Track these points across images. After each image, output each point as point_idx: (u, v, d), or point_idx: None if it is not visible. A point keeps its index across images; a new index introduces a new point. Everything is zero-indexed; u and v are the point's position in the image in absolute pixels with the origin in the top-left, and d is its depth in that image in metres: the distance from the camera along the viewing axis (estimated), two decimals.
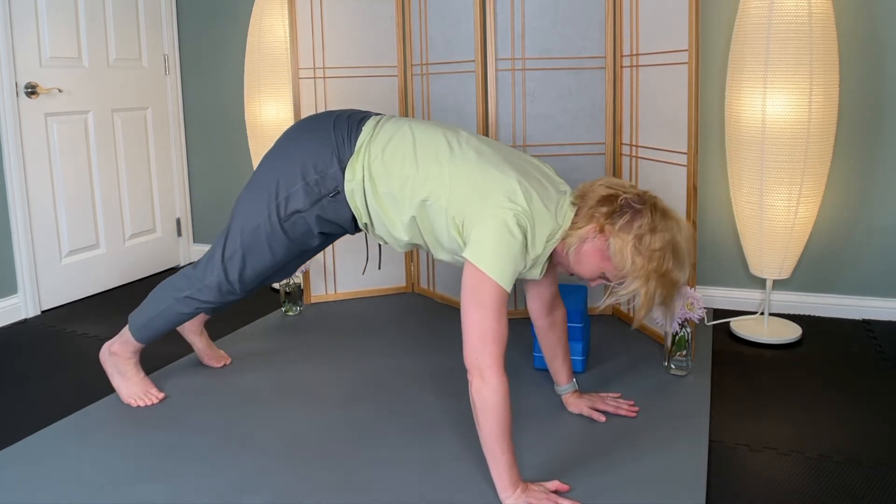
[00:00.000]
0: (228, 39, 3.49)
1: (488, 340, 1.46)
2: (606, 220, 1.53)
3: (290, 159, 1.75)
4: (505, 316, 1.49)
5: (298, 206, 1.75)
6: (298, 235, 1.81)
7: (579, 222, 1.56)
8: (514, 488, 1.50)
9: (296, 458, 1.74)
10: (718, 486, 1.61)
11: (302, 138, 1.77)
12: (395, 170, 1.65)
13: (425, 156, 1.64)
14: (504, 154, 1.66)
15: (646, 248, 1.49)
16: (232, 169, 3.61)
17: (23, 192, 2.85)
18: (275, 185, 1.76)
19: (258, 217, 1.79)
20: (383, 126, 1.74)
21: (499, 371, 1.47)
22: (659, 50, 2.35)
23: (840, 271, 2.71)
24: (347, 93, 2.86)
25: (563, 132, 2.63)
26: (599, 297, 2.74)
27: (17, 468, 1.71)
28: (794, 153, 2.32)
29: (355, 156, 1.70)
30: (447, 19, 2.70)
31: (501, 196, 1.52)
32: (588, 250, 1.56)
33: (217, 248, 1.87)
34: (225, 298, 1.91)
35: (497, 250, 1.48)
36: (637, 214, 1.51)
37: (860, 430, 1.85)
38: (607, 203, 1.54)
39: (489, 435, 1.48)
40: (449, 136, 1.69)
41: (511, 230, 1.49)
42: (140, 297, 3.16)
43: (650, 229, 1.50)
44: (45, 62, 2.94)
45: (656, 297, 1.51)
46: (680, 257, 1.52)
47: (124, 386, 2.05)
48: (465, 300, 1.49)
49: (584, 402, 1.93)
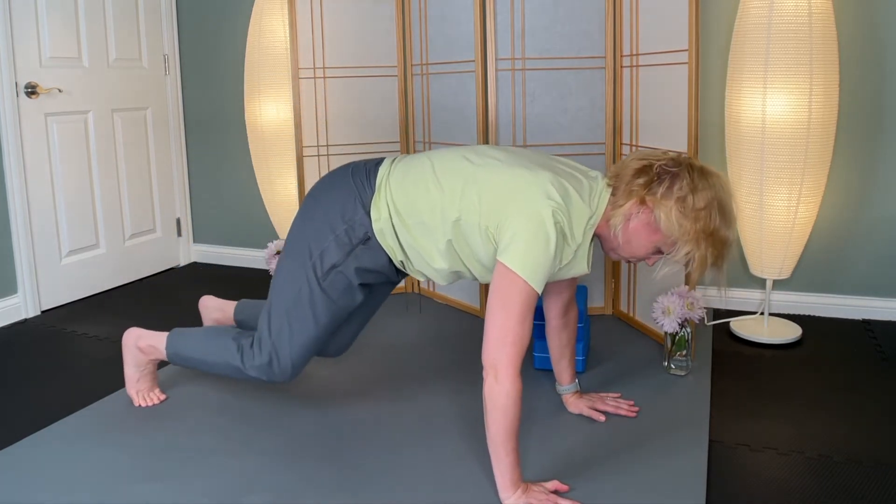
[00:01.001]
0: (228, 39, 3.49)
1: (508, 342, 1.45)
2: (646, 191, 1.49)
3: (316, 218, 1.72)
4: (530, 320, 1.47)
5: (334, 260, 1.70)
6: (340, 294, 1.73)
7: (619, 200, 1.53)
8: (514, 489, 1.50)
9: (296, 458, 1.74)
10: (718, 486, 1.61)
11: (322, 195, 1.74)
12: (421, 197, 1.62)
13: (447, 176, 1.61)
14: (529, 155, 1.64)
15: (690, 209, 1.46)
16: (232, 169, 3.61)
17: (23, 192, 2.85)
18: (306, 247, 1.72)
19: (297, 283, 1.72)
20: (400, 161, 1.73)
21: (513, 373, 1.45)
22: (659, 50, 2.35)
23: (840, 271, 2.71)
24: (347, 93, 2.86)
25: (563, 132, 2.63)
26: (600, 298, 2.74)
27: (17, 468, 1.71)
28: (794, 153, 2.32)
29: (377, 194, 1.67)
30: (447, 19, 2.70)
31: (536, 192, 1.49)
32: (635, 227, 1.53)
33: (263, 326, 1.77)
34: (272, 379, 1.78)
35: (530, 250, 1.45)
36: (675, 178, 1.48)
37: (860, 430, 1.85)
38: (643, 174, 1.50)
39: (496, 435, 1.48)
40: (466, 152, 1.66)
41: (546, 229, 1.46)
42: (140, 297, 3.16)
43: (691, 189, 1.46)
44: (45, 62, 2.94)
45: (708, 257, 1.48)
46: (726, 214, 1.49)
47: (134, 378, 2.03)
48: (491, 299, 1.48)
49: (584, 403, 1.93)
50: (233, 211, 3.64)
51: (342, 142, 2.89)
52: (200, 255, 3.76)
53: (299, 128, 2.80)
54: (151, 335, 1.97)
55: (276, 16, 3.02)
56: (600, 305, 2.75)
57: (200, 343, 1.87)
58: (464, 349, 2.41)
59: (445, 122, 2.79)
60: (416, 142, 2.94)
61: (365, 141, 2.92)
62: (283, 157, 3.10)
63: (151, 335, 1.97)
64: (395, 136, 2.95)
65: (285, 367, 1.75)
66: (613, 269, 2.71)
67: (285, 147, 3.09)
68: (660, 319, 2.13)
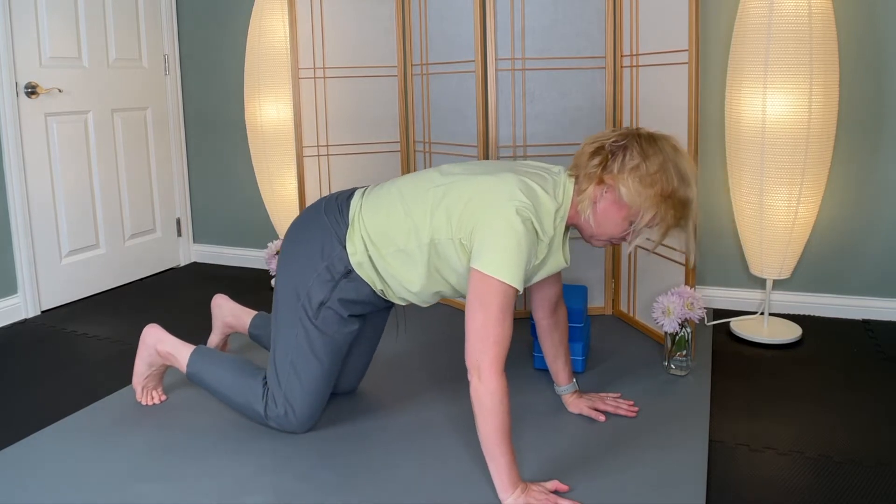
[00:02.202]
0: (228, 39, 3.49)
1: (489, 342, 1.46)
2: (603, 170, 1.53)
3: (297, 260, 1.76)
4: (510, 319, 1.49)
5: (320, 297, 1.73)
6: (336, 329, 1.75)
7: (582, 186, 1.57)
8: (513, 489, 1.49)
9: (296, 458, 1.74)
10: (718, 486, 1.61)
11: (299, 236, 1.78)
12: (393, 226, 1.66)
13: (416, 202, 1.65)
14: (491, 163, 1.69)
15: (645, 174, 1.50)
16: (232, 169, 3.61)
17: (23, 192, 2.85)
18: (293, 290, 1.75)
19: (293, 328, 1.75)
20: (370, 193, 1.76)
21: (497, 373, 1.47)
22: (659, 50, 2.35)
23: (840, 271, 2.71)
24: (347, 93, 2.86)
25: (563, 132, 2.63)
26: (600, 298, 2.74)
27: (17, 468, 1.71)
28: (794, 153, 2.32)
29: (351, 228, 1.71)
30: (447, 19, 2.70)
31: (500, 194, 1.52)
32: (604, 207, 1.56)
33: (272, 379, 1.79)
34: (291, 429, 1.82)
35: (500, 250, 1.48)
36: (625, 150, 1.53)
37: (860, 430, 1.85)
38: (597, 155, 1.55)
39: (487, 436, 1.48)
40: (431, 174, 1.70)
41: (515, 226, 1.48)
42: (140, 297, 3.17)
43: (642, 157, 1.51)
44: (45, 62, 2.94)
45: (669, 217, 1.52)
46: (682, 173, 1.52)
47: (143, 374, 2.03)
48: (470, 302, 1.50)
49: (584, 402, 1.93)
50: (233, 211, 3.64)
51: (342, 142, 2.89)
52: (200, 255, 3.76)
53: (299, 128, 2.80)
54: (173, 343, 1.96)
55: (276, 16, 3.02)
56: (600, 305, 2.75)
57: (227, 378, 1.86)
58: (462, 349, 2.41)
59: (445, 122, 2.79)
60: (416, 141, 2.94)
61: (365, 141, 2.92)
62: (283, 156, 3.10)
63: (173, 343, 1.96)
64: (395, 136, 2.95)
65: (301, 416, 1.79)
66: (613, 270, 2.72)
67: (285, 147, 3.09)
68: (660, 319, 2.13)
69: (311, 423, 1.83)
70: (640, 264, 2.56)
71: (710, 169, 2.79)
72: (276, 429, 1.84)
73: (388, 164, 2.96)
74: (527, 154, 2.64)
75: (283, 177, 3.13)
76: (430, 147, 2.88)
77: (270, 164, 3.13)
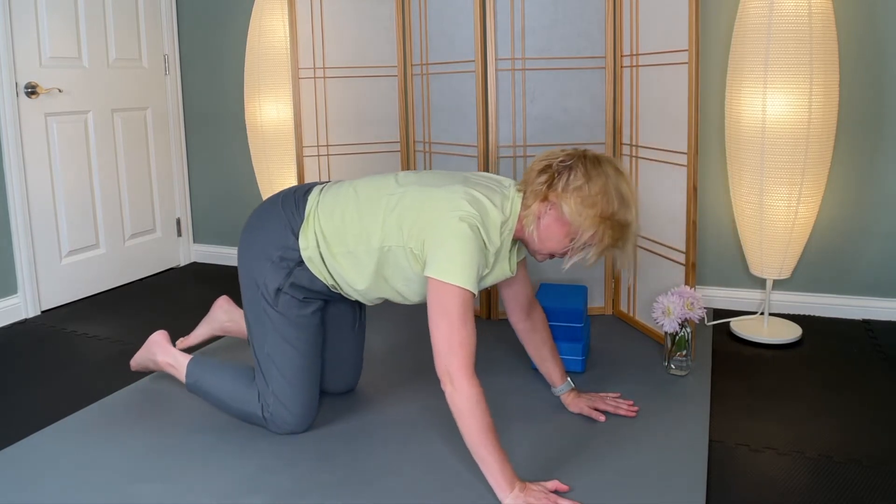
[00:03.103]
0: (228, 39, 3.49)
1: (455, 347, 1.50)
2: (549, 188, 1.59)
3: (252, 249, 1.81)
4: (471, 321, 1.52)
5: (276, 283, 1.77)
6: (296, 313, 1.79)
7: (528, 202, 1.62)
8: (510, 488, 1.49)
9: (296, 458, 1.74)
10: (718, 486, 1.61)
11: (255, 227, 1.83)
12: (347, 227, 1.71)
13: (370, 206, 1.70)
14: (445, 175, 1.73)
15: (587, 196, 1.56)
16: (232, 169, 3.61)
17: (23, 192, 2.85)
18: (252, 280, 1.80)
19: (259, 318, 1.80)
20: (328, 191, 1.80)
21: (468, 376, 1.49)
22: (659, 50, 2.35)
23: (840, 271, 2.71)
24: (347, 93, 2.86)
25: (563, 132, 2.63)
26: (600, 298, 2.74)
27: (17, 468, 1.71)
28: (794, 153, 2.32)
29: (305, 223, 1.76)
30: (447, 19, 2.70)
31: (450, 207, 1.57)
32: (547, 223, 1.61)
33: (259, 379, 1.82)
34: (293, 428, 1.83)
35: (452, 256, 1.52)
36: (570, 170, 1.59)
37: (860, 430, 1.85)
38: (544, 173, 1.61)
39: (471, 439, 1.50)
40: (387, 181, 1.74)
41: (464, 233, 1.53)
42: (140, 297, 3.17)
43: (586, 179, 1.57)
44: (45, 62, 2.94)
45: (606, 238, 1.57)
46: (623, 197, 1.58)
47: (141, 366, 2.12)
48: (430, 312, 1.54)
49: (583, 402, 1.93)
50: (233, 211, 3.64)
51: (342, 142, 2.89)
52: (200, 255, 3.76)
53: (299, 128, 2.80)
54: (174, 356, 1.99)
55: (276, 16, 3.02)
56: (600, 305, 2.75)
57: (226, 386, 1.87)
58: None
59: (445, 122, 2.79)
60: (416, 141, 2.94)
61: (365, 141, 2.92)
62: (283, 156, 3.10)
63: (174, 356, 1.99)
64: (395, 136, 2.95)
65: (294, 411, 1.81)
66: (613, 270, 2.71)
67: (285, 147, 3.09)
68: (660, 319, 2.13)
69: (308, 418, 1.84)
70: (641, 264, 2.56)
71: (710, 169, 2.79)
72: (279, 432, 1.84)
73: (388, 164, 2.96)
74: (527, 154, 2.64)
75: (284, 177, 3.13)
76: (430, 147, 2.88)
77: (270, 163, 3.13)
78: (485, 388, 2.10)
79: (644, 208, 2.51)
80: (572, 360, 2.19)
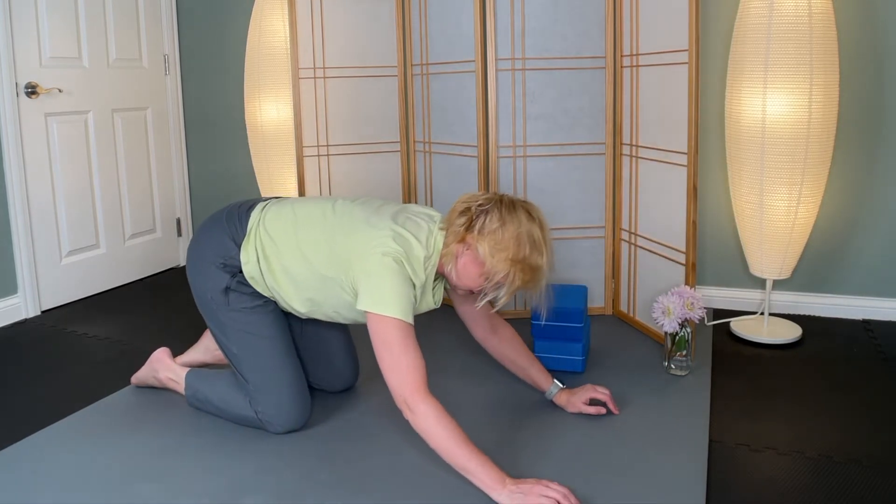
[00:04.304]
0: (228, 39, 3.49)
1: (404, 374, 1.55)
2: (467, 231, 1.66)
3: (198, 263, 1.86)
4: (413, 346, 1.58)
5: (223, 284, 1.82)
6: (249, 304, 1.83)
7: (448, 240, 1.69)
8: (501, 485, 1.50)
9: (296, 458, 1.74)
10: (718, 486, 1.61)
11: (199, 241, 1.89)
12: (285, 249, 1.77)
13: (307, 232, 1.76)
14: (378, 208, 1.77)
15: (500, 240, 1.62)
16: (232, 169, 3.61)
17: (23, 192, 2.85)
18: (203, 292, 1.85)
19: (221, 327, 1.85)
20: (270, 209, 1.85)
21: (423, 398, 1.54)
22: (659, 50, 2.35)
23: (840, 271, 2.71)
24: (347, 93, 2.86)
25: (563, 132, 2.63)
26: (600, 298, 2.74)
27: (17, 468, 1.71)
28: (794, 153, 2.32)
29: (247, 238, 1.82)
30: (447, 19, 2.70)
31: (377, 245, 1.63)
32: (464, 262, 1.67)
33: (243, 384, 1.85)
34: (291, 424, 1.85)
35: (382, 290, 1.59)
36: (487, 214, 1.65)
37: (860, 430, 1.85)
38: (464, 215, 1.67)
39: (447, 455, 1.53)
40: (325, 207, 1.80)
41: (390, 267, 1.61)
42: (140, 297, 3.17)
43: (500, 224, 1.63)
44: (45, 62, 2.94)
45: (517, 280, 1.63)
46: (534, 242, 1.64)
47: (144, 381, 2.14)
48: (373, 345, 1.60)
49: (579, 400, 1.92)
50: None
51: (342, 142, 2.89)
52: None
53: (299, 128, 2.80)
54: (175, 370, 2.04)
55: (276, 16, 3.02)
56: (600, 305, 2.75)
57: (224, 394, 1.91)
58: (461, 347, 2.41)
59: (445, 122, 2.79)
60: (416, 141, 2.94)
61: (365, 141, 2.92)
62: (284, 156, 3.10)
63: (175, 370, 2.04)
64: (396, 136, 2.95)
65: (284, 405, 1.83)
66: (613, 270, 2.72)
67: (285, 147, 3.09)
68: (660, 319, 2.13)
69: (301, 412, 1.85)
70: (640, 264, 2.56)
71: (710, 169, 2.79)
72: (279, 430, 1.85)
73: (388, 164, 2.96)
74: (527, 154, 2.64)
75: (284, 177, 3.13)
76: (430, 147, 2.88)
77: (270, 163, 3.13)
78: (482, 389, 2.10)
79: (644, 208, 2.52)
80: (572, 360, 2.19)
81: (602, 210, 2.69)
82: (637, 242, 2.57)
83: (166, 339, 2.58)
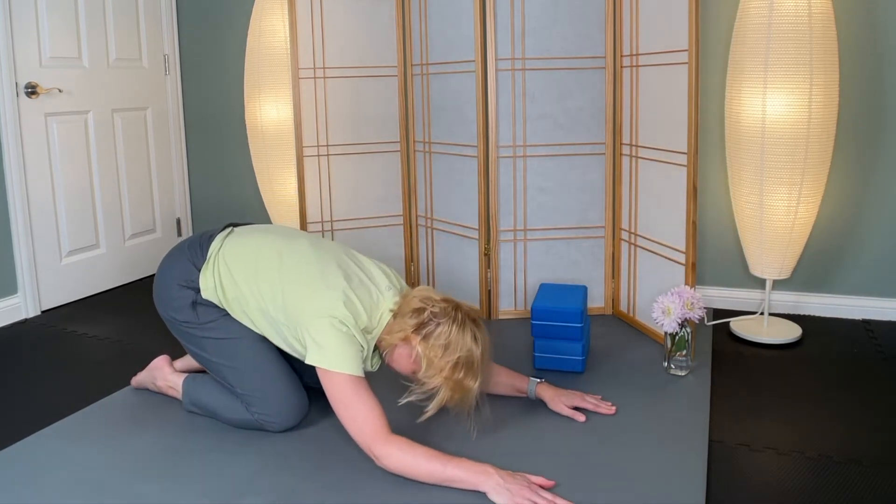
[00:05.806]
0: (228, 39, 3.49)
1: (361, 425, 1.61)
2: (413, 331, 1.69)
3: (163, 285, 1.91)
4: (364, 396, 1.63)
5: (189, 298, 1.86)
6: (218, 314, 1.87)
7: (393, 329, 1.72)
8: (485, 475, 1.53)
9: (296, 458, 1.74)
10: (718, 486, 1.61)
11: (164, 265, 1.94)
12: (241, 284, 1.81)
13: (264, 272, 1.79)
14: (334, 257, 1.81)
15: (440, 357, 1.65)
16: (232, 169, 3.61)
17: (23, 192, 2.85)
18: (171, 316, 1.89)
19: (196, 342, 1.88)
20: (231, 239, 1.90)
21: (385, 440, 1.60)
22: (659, 50, 2.35)
23: (840, 271, 2.71)
24: (347, 93, 2.86)
25: (563, 132, 2.63)
26: (600, 298, 2.74)
27: (17, 468, 1.71)
28: (794, 153, 2.32)
29: (206, 265, 1.87)
30: (447, 19, 2.70)
31: (325, 307, 1.68)
32: (400, 353, 1.72)
33: (233, 390, 1.87)
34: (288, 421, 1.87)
35: (330, 348, 1.64)
36: (438, 327, 1.67)
37: (860, 430, 1.85)
38: (416, 315, 1.70)
39: (425, 476, 1.57)
40: (280, 248, 1.83)
41: (338, 329, 1.66)
42: (140, 297, 3.16)
43: (446, 343, 1.66)
44: (45, 62, 2.94)
45: (445, 396, 1.66)
46: (472, 368, 1.67)
47: (143, 385, 2.14)
48: (329, 398, 1.66)
49: (562, 402, 1.92)
50: (233, 211, 3.64)
51: (342, 142, 2.89)
52: None
53: (299, 128, 2.80)
54: (173, 379, 2.05)
55: (276, 16, 3.02)
56: (600, 305, 2.75)
57: (220, 397, 1.92)
58: None
59: (445, 122, 2.79)
60: (416, 141, 2.94)
61: (365, 141, 2.92)
62: (283, 156, 3.10)
63: (173, 379, 2.05)
64: (396, 136, 2.95)
65: (276, 401, 1.85)
66: (613, 270, 2.72)
67: (285, 147, 3.09)
68: (660, 319, 2.13)
69: (297, 406, 1.87)
70: (640, 264, 2.56)
71: (710, 169, 2.79)
72: (279, 428, 1.85)
73: (389, 164, 2.96)
74: (527, 154, 2.64)
75: (284, 177, 3.13)
76: (430, 147, 2.88)
77: (270, 163, 3.12)
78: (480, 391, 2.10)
79: (644, 208, 2.52)
80: (572, 360, 2.19)
81: (602, 210, 2.69)
82: (637, 242, 2.57)
83: (166, 340, 2.58)
